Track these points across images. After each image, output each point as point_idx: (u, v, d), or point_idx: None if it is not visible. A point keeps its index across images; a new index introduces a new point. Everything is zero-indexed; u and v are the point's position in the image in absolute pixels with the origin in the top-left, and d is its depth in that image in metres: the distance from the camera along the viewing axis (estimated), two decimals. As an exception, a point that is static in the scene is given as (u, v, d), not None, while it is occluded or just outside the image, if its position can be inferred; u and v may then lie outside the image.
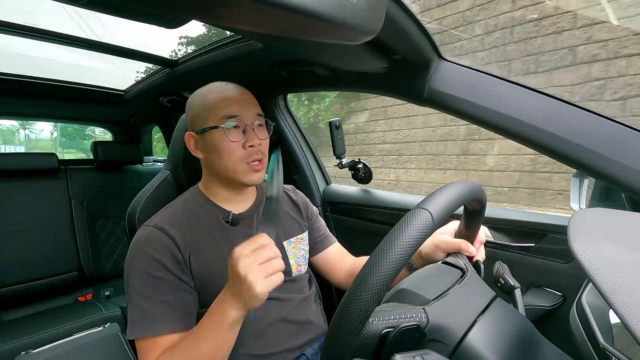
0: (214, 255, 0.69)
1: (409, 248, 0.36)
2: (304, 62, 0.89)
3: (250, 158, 0.69)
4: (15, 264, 1.52)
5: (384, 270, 0.35)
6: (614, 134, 0.57)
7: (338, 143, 1.19)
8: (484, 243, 0.66)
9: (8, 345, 1.20)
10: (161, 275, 0.63)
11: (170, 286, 0.64)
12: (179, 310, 0.63)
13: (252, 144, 0.68)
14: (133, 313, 0.61)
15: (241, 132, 0.69)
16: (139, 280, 0.63)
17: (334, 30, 0.40)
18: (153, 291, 0.62)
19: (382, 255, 0.36)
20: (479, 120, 0.68)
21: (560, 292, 0.80)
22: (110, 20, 1.12)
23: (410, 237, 0.37)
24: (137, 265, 0.63)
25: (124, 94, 1.79)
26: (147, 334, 0.60)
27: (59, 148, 6.59)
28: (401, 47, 0.69)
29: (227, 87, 0.72)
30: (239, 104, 0.69)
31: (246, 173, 0.69)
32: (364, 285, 0.36)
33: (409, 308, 0.43)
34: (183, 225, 0.69)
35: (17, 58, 1.47)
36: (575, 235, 0.36)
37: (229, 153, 0.68)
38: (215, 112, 0.68)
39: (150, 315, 0.60)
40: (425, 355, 0.37)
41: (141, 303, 0.61)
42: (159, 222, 0.68)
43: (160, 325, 0.60)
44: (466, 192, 0.47)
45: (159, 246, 0.65)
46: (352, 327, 0.36)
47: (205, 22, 0.45)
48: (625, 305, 0.27)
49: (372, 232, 1.17)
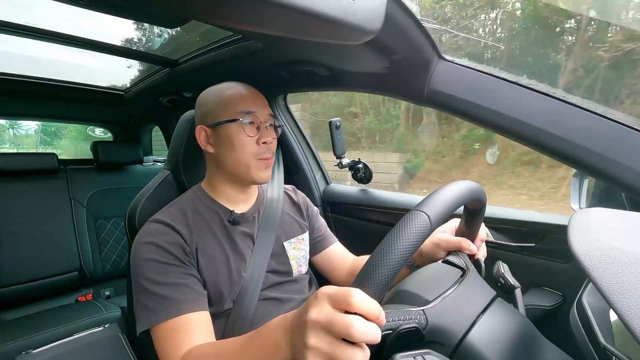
0: (218, 252, 0.70)
1: (406, 252, 0.36)
2: (304, 62, 0.89)
3: (262, 155, 0.70)
4: (15, 264, 1.52)
5: (381, 275, 0.35)
6: (614, 134, 0.57)
7: (338, 143, 1.19)
8: (485, 241, 0.66)
9: (8, 345, 1.20)
10: (172, 262, 0.64)
11: (182, 271, 0.64)
12: (194, 291, 0.63)
13: (265, 140, 0.70)
14: (149, 301, 0.61)
15: (255, 128, 0.70)
16: (150, 269, 0.63)
17: (334, 30, 0.40)
18: (166, 276, 0.62)
19: (380, 259, 0.36)
20: (479, 120, 0.68)
21: (561, 292, 0.80)
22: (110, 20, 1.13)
23: (407, 240, 0.36)
24: (146, 255, 0.64)
25: (124, 94, 1.79)
26: (169, 317, 0.60)
27: (40, 145, 6.78)
28: (401, 47, 0.69)
29: (241, 85, 0.74)
30: (255, 102, 0.71)
31: (256, 169, 0.71)
32: (361, 289, 0.35)
33: (408, 310, 0.43)
34: (188, 222, 0.70)
35: (17, 58, 1.47)
36: (576, 235, 0.36)
37: (242, 147, 0.69)
38: (232, 107, 0.69)
39: (169, 300, 0.60)
40: (425, 355, 0.37)
41: (156, 290, 0.61)
42: (164, 218, 0.69)
43: (180, 306, 0.60)
44: (465, 192, 0.46)
45: (167, 238, 0.66)
46: None
47: (205, 22, 0.45)
48: (625, 305, 0.27)
49: (372, 232, 1.17)
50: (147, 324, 0.60)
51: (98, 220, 1.79)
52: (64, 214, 1.69)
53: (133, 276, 0.65)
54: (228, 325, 0.69)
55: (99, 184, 1.82)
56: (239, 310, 0.69)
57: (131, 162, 1.96)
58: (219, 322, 0.69)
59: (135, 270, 0.64)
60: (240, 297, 0.70)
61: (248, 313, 0.69)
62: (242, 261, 0.73)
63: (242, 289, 0.70)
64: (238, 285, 0.70)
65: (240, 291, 0.70)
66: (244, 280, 0.71)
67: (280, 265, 0.78)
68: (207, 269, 0.68)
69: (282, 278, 0.77)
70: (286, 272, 0.78)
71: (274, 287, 0.75)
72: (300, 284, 0.81)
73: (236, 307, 0.69)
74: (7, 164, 1.59)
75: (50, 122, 2.73)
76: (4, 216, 1.53)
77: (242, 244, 0.74)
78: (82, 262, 1.69)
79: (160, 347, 0.59)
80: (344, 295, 0.33)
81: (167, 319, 0.59)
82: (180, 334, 0.59)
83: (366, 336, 0.33)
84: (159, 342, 0.60)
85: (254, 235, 0.76)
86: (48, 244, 1.61)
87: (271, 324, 0.44)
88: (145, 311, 0.61)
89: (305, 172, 1.31)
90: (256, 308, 0.71)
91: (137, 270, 0.64)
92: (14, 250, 1.52)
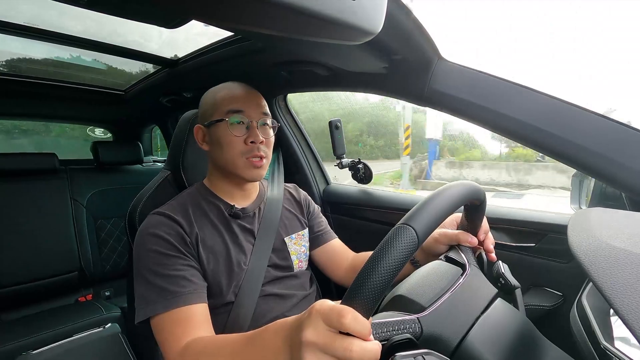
0: (219, 243, 0.72)
1: (392, 269, 0.35)
2: (304, 62, 0.89)
3: (250, 154, 0.70)
4: (15, 264, 1.52)
5: (369, 293, 0.34)
6: (614, 134, 0.57)
7: (338, 143, 1.19)
8: (489, 232, 0.64)
9: (8, 345, 1.20)
10: (173, 253, 0.65)
11: (182, 262, 0.65)
12: (193, 283, 0.64)
13: (253, 140, 0.70)
14: (150, 292, 0.62)
15: (245, 128, 0.71)
16: (151, 260, 0.64)
17: (334, 30, 0.40)
18: (166, 268, 0.63)
19: (367, 277, 0.35)
20: (479, 120, 0.68)
21: (561, 292, 0.80)
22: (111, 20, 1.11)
23: (393, 258, 0.35)
24: (148, 246, 0.65)
25: (124, 94, 1.79)
26: (167, 309, 0.60)
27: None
28: (401, 47, 0.69)
29: (237, 85, 0.75)
30: (245, 101, 0.72)
31: (245, 168, 0.71)
32: (351, 306, 0.35)
33: (402, 319, 0.42)
34: (188, 213, 0.71)
35: (17, 58, 1.47)
36: (576, 235, 0.36)
37: (230, 146, 0.70)
38: (221, 107, 0.71)
39: (168, 292, 0.61)
40: (425, 355, 0.37)
41: (156, 281, 0.62)
42: (165, 210, 0.70)
43: (179, 298, 0.61)
44: (456, 198, 0.45)
45: (168, 229, 0.67)
46: None
47: (205, 22, 0.45)
48: (625, 305, 0.27)
49: (372, 232, 1.17)
50: (144, 315, 0.61)
51: (98, 221, 1.79)
52: (64, 214, 1.69)
53: (135, 266, 0.66)
54: (230, 320, 0.69)
55: (99, 184, 1.82)
56: (240, 304, 0.70)
57: (131, 162, 1.96)
58: (220, 316, 0.69)
59: (136, 260, 0.66)
60: (241, 291, 0.70)
61: (249, 308, 0.70)
62: (243, 254, 0.74)
63: (243, 283, 0.71)
64: (238, 277, 0.71)
65: (242, 285, 0.71)
66: (245, 273, 0.72)
67: (282, 260, 0.79)
68: (208, 259, 0.69)
69: (283, 273, 0.78)
70: (287, 266, 0.79)
71: (275, 283, 0.76)
72: (302, 279, 0.81)
73: (237, 302, 0.70)
74: (7, 164, 1.59)
75: (51, 122, 2.72)
76: (4, 216, 1.53)
77: (243, 238, 0.75)
78: (82, 263, 1.69)
79: (160, 338, 0.61)
80: (337, 316, 0.34)
81: (165, 310, 0.60)
82: (179, 326, 0.59)
83: (364, 358, 0.33)
84: (159, 334, 0.61)
85: (254, 231, 0.77)
86: (48, 244, 1.61)
87: (271, 329, 0.44)
88: (144, 301, 0.62)
89: (305, 172, 1.31)
90: (258, 304, 0.71)
91: (139, 261, 0.65)
92: (14, 251, 1.52)
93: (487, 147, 5.74)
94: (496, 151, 5.62)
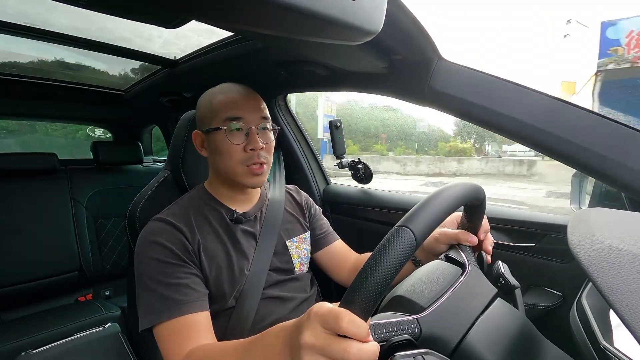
0: (220, 250, 0.71)
1: (390, 271, 0.35)
2: (304, 62, 0.89)
3: (250, 161, 0.69)
4: (15, 264, 1.52)
5: (367, 296, 0.34)
6: (614, 134, 0.56)
7: (338, 143, 1.19)
8: (489, 231, 0.64)
9: (8, 345, 1.20)
10: (175, 261, 0.64)
11: (184, 270, 0.65)
12: (195, 291, 0.64)
13: (253, 147, 0.69)
14: (153, 300, 0.62)
15: (244, 134, 0.69)
16: (154, 269, 0.63)
17: (335, 30, 0.40)
18: (169, 276, 0.63)
19: (365, 280, 0.35)
20: (479, 120, 0.68)
21: (560, 292, 0.80)
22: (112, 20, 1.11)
23: (390, 261, 0.35)
24: (149, 254, 0.64)
25: (124, 94, 1.78)
26: (171, 317, 0.60)
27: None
28: (401, 47, 0.69)
29: (234, 88, 0.72)
30: (244, 107, 0.70)
31: (245, 176, 0.70)
32: (350, 309, 0.34)
33: (401, 320, 0.42)
34: (190, 220, 0.70)
35: (17, 58, 1.47)
36: (576, 235, 0.36)
37: (229, 155, 0.69)
38: (219, 114, 0.69)
39: (171, 300, 0.61)
40: (425, 355, 0.37)
41: (159, 289, 0.62)
42: (167, 217, 0.69)
43: (182, 307, 0.61)
44: (454, 199, 0.45)
45: (169, 237, 0.66)
46: None
47: (205, 22, 0.45)
48: (625, 305, 0.27)
49: (372, 232, 1.17)
50: (149, 323, 0.61)
51: (98, 220, 1.79)
52: (64, 214, 1.69)
53: (136, 273, 0.65)
54: (230, 324, 0.69)
55: (99, 184, 1.82)
56: (241, 308, 0.69)
57: (131, 162, 1.95)
58: (221, 320, 0.69)
59: (138, 267, 0.65)
60: (242, 295, 0.70)
61: (250, 311, 0.70)
62: (245, 259, 0.73)
63: (244, 287, 0.71)
64: (240, 283, 0.71)
65: (243, 289, 0.70)
66: (246, 278, 0.71)
67: (283, 263, 0.78)
68: (210, 267, 0.68)
69: (284, 276, 0.77)
70: (288, 270, 0.79)
71: (276, 286, 0.76)
72: (302, 282, 0.81)
73: (238, 306, 0.70)
74: (7, 164, 1.59)
75: (51, 122, 2.73)
76: (4, 216, 1.53)
77: (245, 242, 0.74)
78: (82, 262, 1.69)
79: (162, 346, 0.60)
80: (334, 318, 0.34)
81: (169, 319, 0.60)
82: (181, 334, 0.59)
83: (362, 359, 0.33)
84: (162, 342, 0.61)
85: (256, 234, 0.77)
86: (48, 243, 1.61)
87: (271, 333, 0.44)
88: (148, 310, 0.62)
89: (305, 172, 1.31)
90: (258, 307, 0.71)
91: (141, 268, 0.65)
92: (14, 250, 1.52)
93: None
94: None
